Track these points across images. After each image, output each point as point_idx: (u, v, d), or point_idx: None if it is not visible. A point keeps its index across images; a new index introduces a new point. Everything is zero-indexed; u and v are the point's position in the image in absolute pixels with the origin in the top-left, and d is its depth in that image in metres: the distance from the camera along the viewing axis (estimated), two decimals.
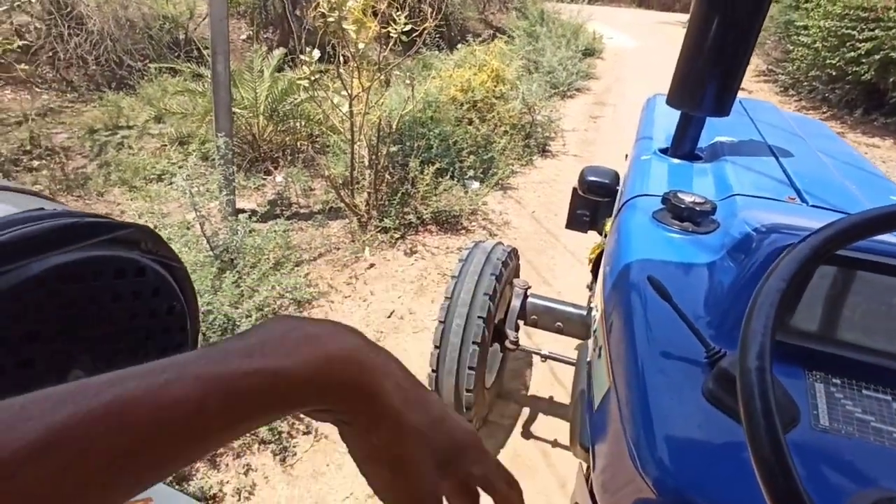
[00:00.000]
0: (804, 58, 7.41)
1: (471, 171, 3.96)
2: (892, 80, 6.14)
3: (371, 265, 3.01)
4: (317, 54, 2.86)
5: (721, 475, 0.60)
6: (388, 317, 2.64)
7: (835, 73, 6.79)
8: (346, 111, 3.08)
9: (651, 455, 0.64)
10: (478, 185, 3.91)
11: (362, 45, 2.88)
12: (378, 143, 3.20)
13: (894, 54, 5.91)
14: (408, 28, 2.95)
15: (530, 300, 1.87)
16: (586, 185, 1.86)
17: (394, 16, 2.94)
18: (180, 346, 0.48)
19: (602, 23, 11.49)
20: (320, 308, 2.65)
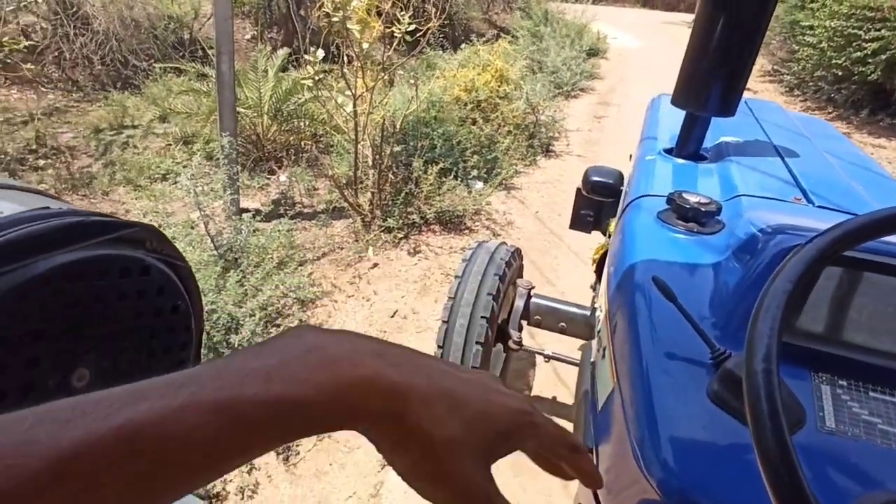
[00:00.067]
0: (810, 58, 7.38)
1: (474, 171, 3.96)
2: None
3: (374, 265, 3.01)
4: (321, 54, 2.87)
5: (726, 477, 0.60)
6: (392, 316, 2.64)
7: (841, 73, 6.75)
8: (349, 111, 3.08)
9: (655, 456, 0.63)
10: (481, 185, 3.90)
11: (366, 45, 2.88)
12: (382, 143, 3.21)
13: None
14: (412, 28, 2.95)
15: (534, 300, 1.87)
16: (590, 185, 1.85)
17: (398, 16, 2.94)
18: (185, 345, 0.48)
19: (606, 23, 11.46)
20: (324, 308, 2.66)
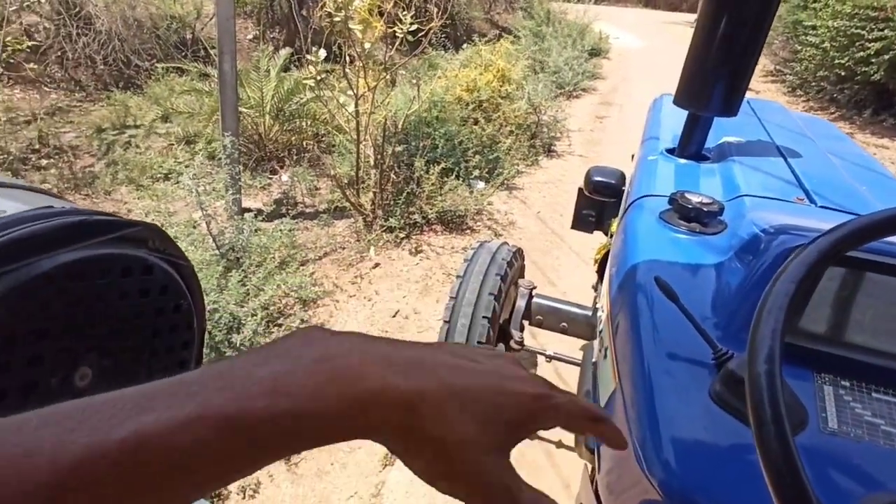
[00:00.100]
0: (812, 58, 7.36)
1: (476, 171, 3.96)
2: None
3: (376, 265, 3.01)
4: (323, 54, 2.87)
5: (728, 477, 0.60)
6: (393, 316, 2.64)
7: (843, 73, 6.74)
8: (351, 111, 3.08)
9: (657, 457, 0.63)
10: (483, 185, 3.90)
11: (368, 45, 2.88)
12: (384, 143, 3.21)
13: None
14: (414, 28, 2.95)
15: (535, 300, 1.87)
16: (592, 185, 1.85)
17: (400, 15, 2.94)
18: (187, 345, 0.48)
19: (608, 23, 11.45)
20: (325, 307, 2.66)
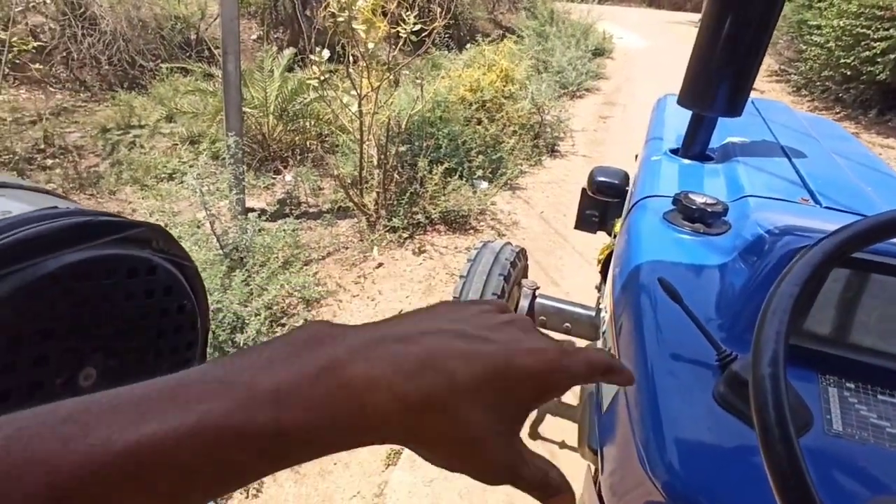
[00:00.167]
0: (817, 57, 7.33)
1: (479, 171, 3.96)
2: None
3: (379, 264, 3.02)
4: (326, 54, 2.88)
5: (731, 479, 0.59)
6: None
7: (849, 72, 6.71)
8: (355, 111, 3.08)
9: (660, 458, 0.63)
10: (486, 184, 3.90)
11: (372, 45, 2.88)
12: (387, 143, 3.21)
13: None
14: (417, 28, 2.95)
15: (539, 300, 1.86)
16: (595, 185, 1.84)
17: (403, 15, 2.95)
18: (191, 345, 0.48)
19: (612, 22, 11.43)
20: (329, 307, 2.66)
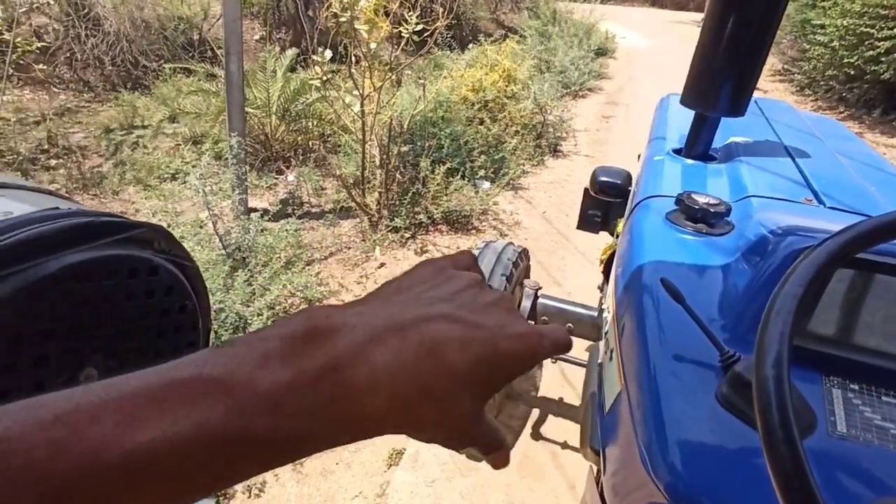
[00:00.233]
0: (821, 57, 7.30)
1: (482, 171, 3.96)
2: None
3: (382, 264, 3.02)
4: (329, 54, 2.88)
5: (734, 481, 0.59)
6: None
7: (852, 72, 6.68)
8: (357, 111, 3.09)
9: (663, 459, 0.63)
10: (489, 185, 3.90)
11: (374, 45, 2.88)
12: (389, 143, 3.21)
13: None
14: (419, 28, 2.95)
15: (541, 301, 1.86)
16: (598, 185, 1.84)
17: (405, 16, 2.95)
18: (192, 345, 0.48)
19: (615, 22, 11.43)
20: None
